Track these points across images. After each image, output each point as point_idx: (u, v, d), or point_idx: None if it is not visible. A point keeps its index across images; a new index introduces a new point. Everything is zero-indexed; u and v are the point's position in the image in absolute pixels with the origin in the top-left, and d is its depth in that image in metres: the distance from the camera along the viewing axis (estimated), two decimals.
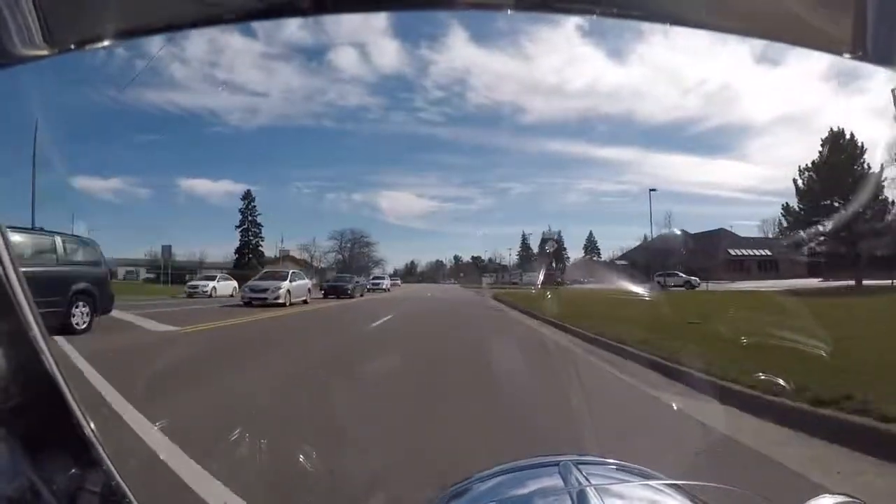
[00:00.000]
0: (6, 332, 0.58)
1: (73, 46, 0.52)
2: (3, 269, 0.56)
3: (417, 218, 61.33)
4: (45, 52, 0.51)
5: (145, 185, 49.23)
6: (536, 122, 53.11)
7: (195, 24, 0.56)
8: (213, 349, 7.76)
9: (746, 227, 39.09)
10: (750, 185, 59.58)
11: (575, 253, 46.35)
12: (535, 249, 49.40)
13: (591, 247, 49.35)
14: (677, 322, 8.78)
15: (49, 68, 0.55)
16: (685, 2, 0.52)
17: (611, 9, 0.50)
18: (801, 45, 0.55)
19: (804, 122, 41.51)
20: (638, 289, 17.79)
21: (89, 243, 10.53)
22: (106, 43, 0.54)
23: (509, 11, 0.54)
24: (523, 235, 53.13)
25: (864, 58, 0.52)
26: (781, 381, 3.95)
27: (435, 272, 57.23)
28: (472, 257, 56.44)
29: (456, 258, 59.34)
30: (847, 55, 0.53)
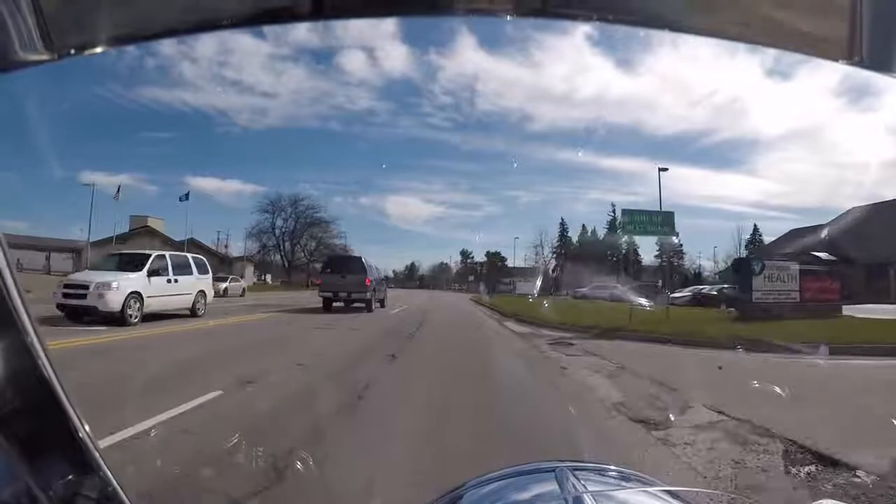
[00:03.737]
0: (3, 337, 0.58)
1: (73, 51, 0.52)
2: (0, 274, 0.56)
3: (424, 223, 61.16)
4: (45, 57, 0.52)
5: (154, 183, 49.39)
6: (544, 130, 53.27)
7: (196, 30, 0.56)
8: None
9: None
10: (757, 199, 59.33)
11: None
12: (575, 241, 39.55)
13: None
14: None
15: (51, 73, 0.55)
16: (678, 8, 0.53)
17: (608, 14, 0.51)
18: (798, 52, 0.55)
19: (814, 138, 40.96)
20: None
21: None
22: (107, 48, 0.54)
23: (508, 17, 0.55)
24: (562, 222, 42.10)
25: (861, 64, 0.52)
26: None
27: (438, 276, 53.24)
28: (488, 254, 44.62)
29: (464, 255, 48.10)
30: (843, 61, 0.53)
